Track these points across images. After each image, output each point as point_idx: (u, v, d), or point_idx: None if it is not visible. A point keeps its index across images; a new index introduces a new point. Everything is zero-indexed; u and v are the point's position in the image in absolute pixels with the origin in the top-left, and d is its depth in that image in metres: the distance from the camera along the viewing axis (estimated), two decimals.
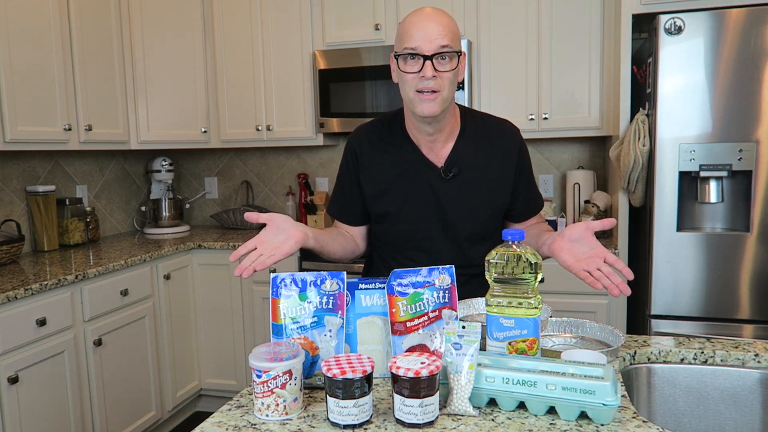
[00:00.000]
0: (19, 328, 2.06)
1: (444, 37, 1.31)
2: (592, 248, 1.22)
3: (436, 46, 1.30)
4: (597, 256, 1.20)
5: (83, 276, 2.34)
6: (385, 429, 0.96)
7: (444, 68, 1.32)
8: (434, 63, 1.31)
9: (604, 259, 1.19)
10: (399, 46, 1.36)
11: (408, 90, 1.36)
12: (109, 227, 3.41)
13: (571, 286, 2.63)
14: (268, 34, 3.20)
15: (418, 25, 1.32)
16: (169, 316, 2.91)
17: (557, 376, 0.96)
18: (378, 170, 1.49)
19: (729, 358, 1.26)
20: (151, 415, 2.79)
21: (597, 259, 1.19)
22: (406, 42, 1.32)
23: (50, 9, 2.56)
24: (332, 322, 1.12)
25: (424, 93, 1.33)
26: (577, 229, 1.23)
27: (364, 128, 1.56)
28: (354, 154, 1.53)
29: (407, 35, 1.33)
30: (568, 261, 1.23)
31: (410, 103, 1.38)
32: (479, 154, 1.47)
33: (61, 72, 2.62)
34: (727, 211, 2.32)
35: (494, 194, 1.49)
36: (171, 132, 3.22)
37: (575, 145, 3.22)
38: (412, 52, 1.32)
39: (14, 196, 2.80)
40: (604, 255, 1.19)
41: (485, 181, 1.47)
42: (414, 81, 1.33)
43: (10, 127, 2.38)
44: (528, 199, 1.56)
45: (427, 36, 1.30)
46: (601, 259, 1.19)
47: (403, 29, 1.35)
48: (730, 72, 2.18)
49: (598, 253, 1.20)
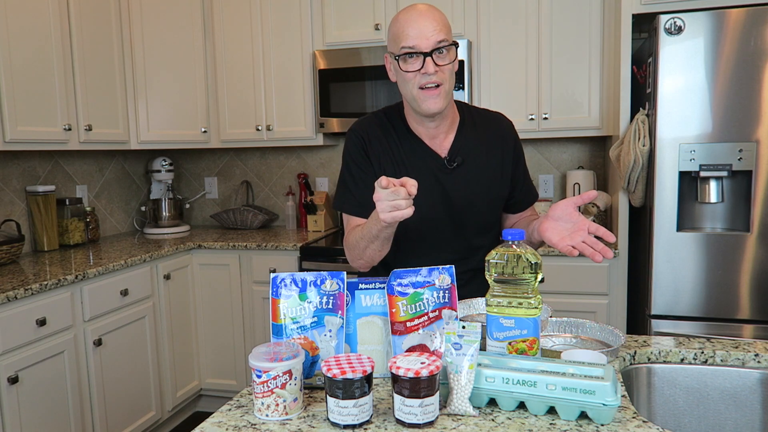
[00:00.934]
0: (19, 328, 2.06)
1: (439, 32, 1.34)
2: (575, 223, 1.25)
3: (434, 42, 1.33)
4: (580, 229, 1.23)
5: (83, 276, 2.34)
6: (385, 429, 0.96)
7: (443, 62, 1.35)
8: (434, 58, 1.34)
9: (587, 230, 1.22)
10: (395, 47, 1.37)
11: (411, 88, 1.37)
12: (109, 227, 3.41)
13: (571, 286, 2.63)
14: (268, 33, 3.20)
15: (413, 24, 1.33)
16: (169, 316, 2.90)
17: (557, 376, 0.96)
18: (385, 160, 1.47)
19: (729, 358, 1.26)
20: (151, 415, 2.79)
21: (580, 232, 1.23)
22: (403, 41, 1.34)
23: (50, 9, 2.56)
24: (332, 322, 1.12)
25: (428, 88, 1.35)
26: (559, 208, 1.26)
27: (366, 119, 1.54)
28: (362, 141, 1.49)
29: (403, 35, 1.34)
30: (552, 239, 1.26)
31: (413, 101, 1.39)
32: (480, 145, 1.49)
33: (61, 72, 2.62)
34: (727, 211, 2.32)
35: (495, 183, 1.51)
36: (171, 132, 3.22)
37: (575, 145, 3.22)
38: (410, 51, 1.34)
39: (14, 196, 2.80)
40: (586, 227, 1.23)
41: (487, 171, 1.49)
42: (416, 78, 1.35)
43: (10, 127, 2.37)
44: (525, 189, 1.59)
45: (424, 33, 1.32)
46: (584, 231, 1.23)
47: (398, 29, 1.36)
48: (730, 72, 2.18)
49: (580, 227, 1.24)
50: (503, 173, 1.52)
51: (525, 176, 1.59)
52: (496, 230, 1.58)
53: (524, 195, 1.59)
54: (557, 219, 1.27)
